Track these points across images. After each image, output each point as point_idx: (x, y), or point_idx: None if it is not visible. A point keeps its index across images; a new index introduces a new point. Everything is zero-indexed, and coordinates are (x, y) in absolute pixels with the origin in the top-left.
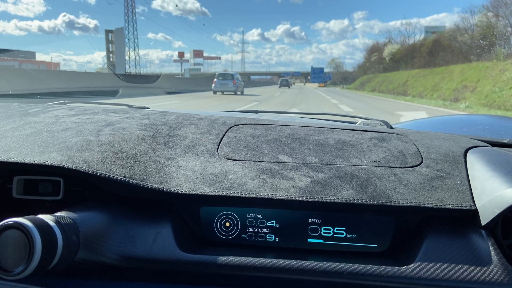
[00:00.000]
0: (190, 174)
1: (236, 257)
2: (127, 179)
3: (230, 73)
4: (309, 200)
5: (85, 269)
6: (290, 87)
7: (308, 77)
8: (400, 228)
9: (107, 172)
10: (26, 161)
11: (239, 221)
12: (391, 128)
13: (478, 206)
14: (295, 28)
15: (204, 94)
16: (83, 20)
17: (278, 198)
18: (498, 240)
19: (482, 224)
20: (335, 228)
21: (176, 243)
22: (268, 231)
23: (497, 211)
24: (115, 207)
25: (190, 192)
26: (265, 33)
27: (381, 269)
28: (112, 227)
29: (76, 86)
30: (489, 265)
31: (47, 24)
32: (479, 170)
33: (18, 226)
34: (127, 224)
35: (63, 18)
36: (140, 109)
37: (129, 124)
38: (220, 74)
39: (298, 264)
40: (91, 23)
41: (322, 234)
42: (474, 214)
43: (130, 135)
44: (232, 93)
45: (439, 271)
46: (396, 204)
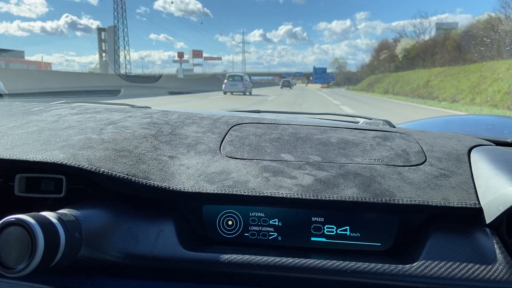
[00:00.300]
0: (192, 172)
1: (239, 255)
2: (130, 177)
3: (240, 74)
4: (312, 198)
5: (87, 266)
6: (291, 88)
7: (310, 77)
8: (404, 227)
9: (109, 170)
10: (28, 158)
11: (241, 219)
12: (394, 127)
13: (482, 204)
14: (297, 29)
15: (204, 95)
16: (85, 21)
17: (280, 196)
18: (502, 238)
19: (487, 222)
20: (338, 226)
21: (178, 241)
22: (271, 229)
23: (502, 208)
24: (117, 205)
25: (193, 190)
26: (267, 34)
27: (385, 267)
28: (114, 225)
29: (68, 86)
30: (494, 263)
31: (49, 25)
32: (483, 168)
33: (20, 223)
34: (129, 222)
35: (65, 19)
36: (142, 108)
37: (131, 122)
38: (230, 76)
39: (301, 262)
40: (93, 24)
41: (325, 233)
42: (478, 212)
43: (133, 133)
44: (241, 93)
45: (443, 269)
46: (400, 202)
